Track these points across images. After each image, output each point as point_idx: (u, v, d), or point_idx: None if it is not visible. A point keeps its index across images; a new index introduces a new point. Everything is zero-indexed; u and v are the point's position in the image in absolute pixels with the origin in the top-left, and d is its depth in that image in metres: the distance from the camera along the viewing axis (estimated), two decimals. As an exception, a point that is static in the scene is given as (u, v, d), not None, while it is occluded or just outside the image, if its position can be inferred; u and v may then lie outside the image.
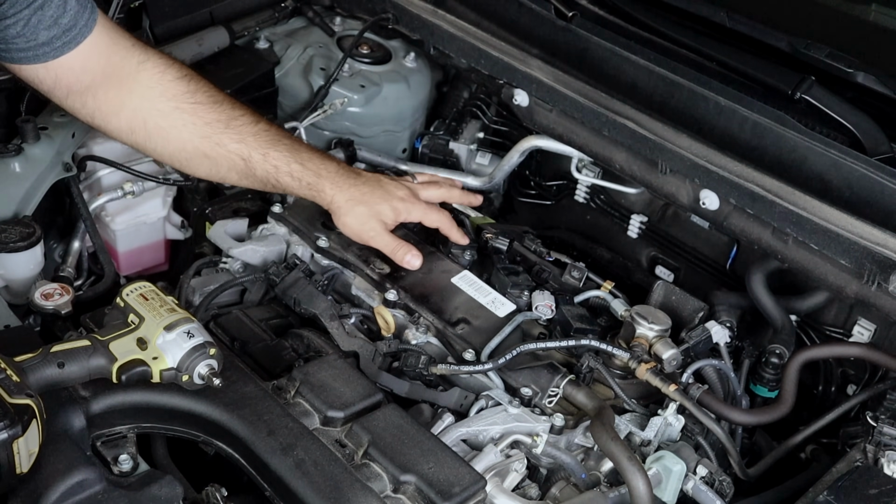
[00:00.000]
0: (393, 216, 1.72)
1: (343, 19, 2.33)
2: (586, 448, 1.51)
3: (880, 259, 1.52)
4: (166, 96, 1.64)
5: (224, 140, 1.66)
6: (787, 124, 1.69)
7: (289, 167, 1.68)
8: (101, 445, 1.34)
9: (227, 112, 1.67)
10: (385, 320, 1.68)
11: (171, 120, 1.65)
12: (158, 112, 1.64)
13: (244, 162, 1.67)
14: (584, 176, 2.02)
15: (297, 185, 1.69)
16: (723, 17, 1.94)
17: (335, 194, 1.69)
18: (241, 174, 1.70)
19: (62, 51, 1.55)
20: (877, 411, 1.49)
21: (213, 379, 1.35)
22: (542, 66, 1.92)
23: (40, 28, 1.51)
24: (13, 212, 1.75)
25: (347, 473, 1.31)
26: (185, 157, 1.69)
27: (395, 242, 1.70)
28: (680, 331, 1.65)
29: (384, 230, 1.71)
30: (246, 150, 1.66)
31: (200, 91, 1.66)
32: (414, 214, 1.75)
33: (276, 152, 1.68)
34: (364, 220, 1.70)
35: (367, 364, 1.61)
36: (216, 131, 1.65)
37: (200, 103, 1.66)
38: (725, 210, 1.70)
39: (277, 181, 1.69)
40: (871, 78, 1.78)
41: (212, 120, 1.66)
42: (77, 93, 1.62)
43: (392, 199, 1.72)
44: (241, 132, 1.66)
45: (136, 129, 1.66)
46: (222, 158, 1.67)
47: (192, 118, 1.65)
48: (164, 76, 1.65)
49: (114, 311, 1.40)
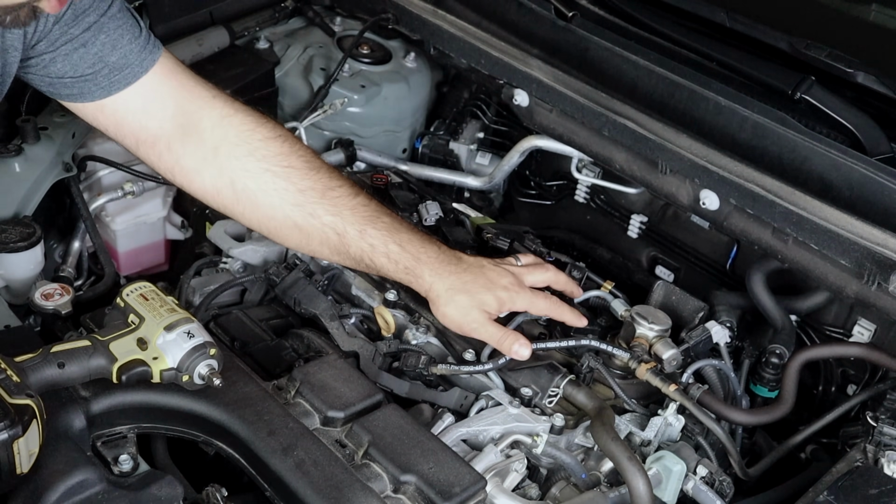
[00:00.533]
0: (497, 306, 1.54)
1: (343, 19, 2.33)
2: (586, 448, 1.51)
3: (880, 259, 1.52)
4: (256, 156, 1.53)
5: (318, 211, 1.53)
6: (788, 124, 1.69)
7: (386, 248, 1.54)
8: (102, 445, 1.34)
9: (324, 181, 1.54)
10: (385, 320, 1.68)
11: (261, 183, 1.53)
12: (246, 173, 1.53)
13: (338, 237, 1.54)
14: (584, 176, 2.02)
15: (394, 268, 1.55)
16: (723, 17, 1.94)
17: (434, 282, 1.54)
18: (333, 249, 1.56)
19: (109, 90, 1.48)
20: (877, 411, 1.49)
21: (213, 379, 1.35)
22: (542, 66, 1.92)
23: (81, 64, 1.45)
24: (13, 212, 1.76)
25: (347, 473, 1.31)
26: (275, 226, 1.57)
27: (501, 333, 1.52)
28: (680, 331, 1.65)
29: (487, 320, 1.53)
30: (341, 225, 1.53)
31: (295, 154, 1.55)
32: (519, 304, 1.56)
33: (373, 230, 1.54)
34: (466, 311, 1.53)
35: (367, 364, 1.61)
36: (310, 200, 1.53)
37: (294, 168, 1.54)
38: (725, 210, 1.70)
39: (372, 261, 1.55)
40: (871, 78, 1.78)
41: (306, 188, 1.53)
42: (147, 143, 1.55)
43: (496, 289, 1.54)
44: (337, 204, 1.54)
45: (223, 189, 1.55)
46: (315, 231, 1.54)
47: (285, 183, 1.53)
48: (254, 134, 1.54)
49: (114, 312, 1.40)
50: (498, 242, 1.83)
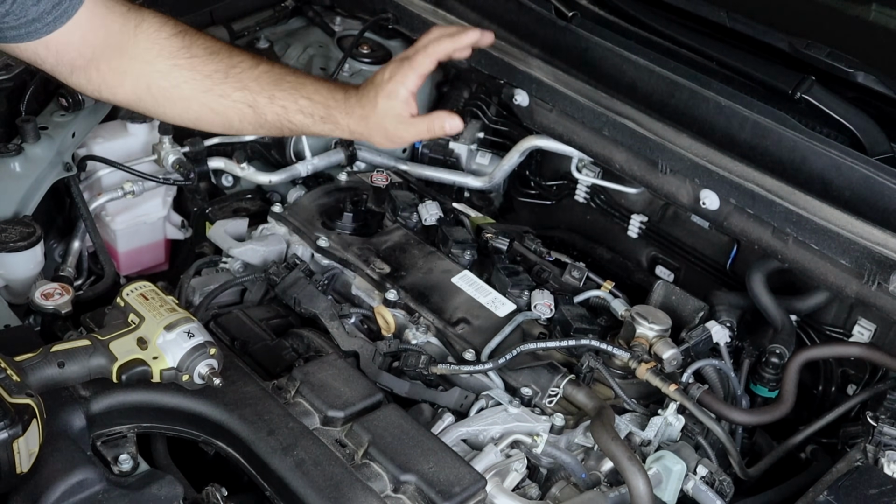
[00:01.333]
0: (400, 105, 1.56)
1: (343, 19, 2.34)
2: (586, 448, 1.51)
3: (880, 259, 1.52)
4: (164, 55, 1.58)
5: (227, 90, 1.58)
6: (788, 124, 1.69)
7: (297, 104, 1.59)
8: (101, 445, 1.34)
9: (225, 61, 1.59)
10: (385, 320, 1.68)
11: (172, 79, 1.58)
12: (159, 73, 1.58)
13: (252, 109, 1.59)
14: (584, 176, 2.02)
15: (312, 122, 1.60)
16: (723, 17, 1.94)
17: (349, 122, 1.59)
18: (253, 123, 1.62)
19: (55, 25, 1.50)
20: (877, 411, 1.49)
21: (213, 379, 1.35)
22: (542, 66, 1.92)
23: (29, 4, 1.46)
24: (13, 212, 1.75)
25: (347, 473, 1.31)
26: (194, 116, 1.62)
27: (427, 122, 1.57)
28: (680, 331, 1.65)
29: (410, 122, 1.57)
30: (250, 97, 1.58)
31: (196, 44, 1.59)
32: (409, 81, 1.56)
33: (281, 92, 1.59)
34: (384, 130, 1.58)
35: (367, 364, 1.61)
36: (216, 83, 1.58)
37: (197, 56, 1.58)
38: (725, 210, 1.70)
39: (291, 122, 1.60)
40: (871, 78, 1.78)
41: (210, 72, 1.58)
42: (81, 68, 1.58)
43: (383, 87, 1.56)
44: (241, 79, 1.58)
45: (142, 95, 1.61)
46: (230, 110, 1.60)
47: (191, 73, 1.58)
48: (159, 35, 1.58)
49: (114, 311, 1.40)
50: (498, 242, 1.83)
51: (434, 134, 1.58)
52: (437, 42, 1.60)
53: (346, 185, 1.98)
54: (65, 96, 1.88)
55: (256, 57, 1.63)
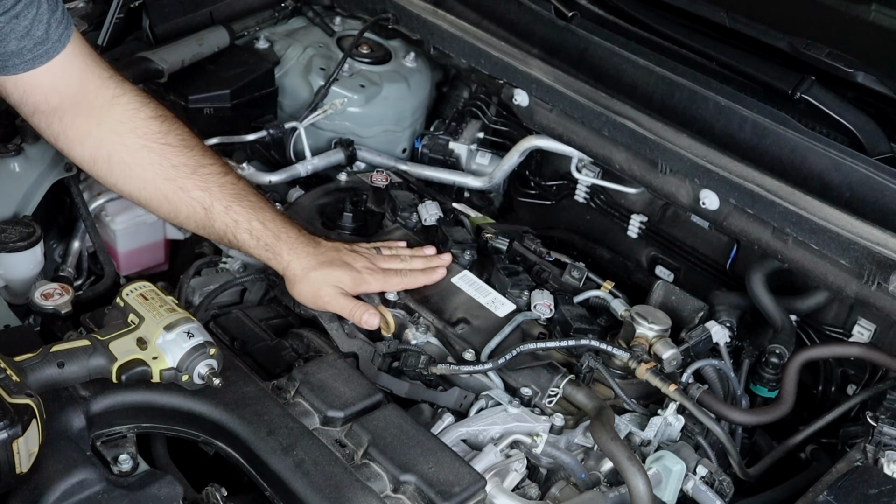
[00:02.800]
0: (352, 284, 1.63)
1: (343, 19, 2.33)
2: (586, 448, 1.51)
3: (880, 259, 1.52)
4: (136, 133, 1.60)
5: (188, 185, 1.61)
6: (788, 124, 1.69)
7: (249, 224, 1.62)
8: (101, 445, 1.34)
9: (197, 158, 1.62)
10: (385, 320, 1.68)
11: (137, 157, 1.61)
12: (125, 147, 1.60)
13: (205, 211, 1.62)
14: (584, 176, 2.02)
15: (255, 244, 1.62)
16: (723, 17, 1.94)
17: (291, 261, 1.62)
18: (199, 224, 1.64)
19: (31, 64, 1.52)
20: (877, 411, 1.49)
21: (213, 379, 1.35)
22: (542, 66, 1.92)
23: (11, 37, 1.48)
24: (13, 212, 1.76)
25: (347, 473, 1.31)
26: (146, 197, 1.64)
27: (352, 304, 1.61)
28: (680, 331, 1.65)
29: (339, 293, 1.61)
30: (209, 200, 1.61)
31: (173, 133, 1.62)
32: (374, 285, 1.65)
33: (239, 206, 1.62)
34: (319, 286, 1.61)
35: (366, 364, 1.61)
36: (181, 175, 1.61)
37: (170, 145, 1.61)
38: (725, 210, 1.70)
39: (235, 237, 1.63)
40: (871, 78, 1.78)
41: (179, 164, 1.61)
42: (43, 112, 1.59)
43: (351, 270, 1.64)
44: (207, 181, 1.62)
45: (99, 160, 1.62)
46: (183, 204, 1.62)
47: (159, 158, 1.61)
48: (137, 113, 1.61)
49: (114, 311, 1.40)
50: (498, 242, 1.83)
51: (350, 318, 1.62)
52: (413, 276, 1.69)
53: (345, 185, 1.98)
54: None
55: (227, 166, 1.67)
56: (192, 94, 2.07)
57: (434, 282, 1.71)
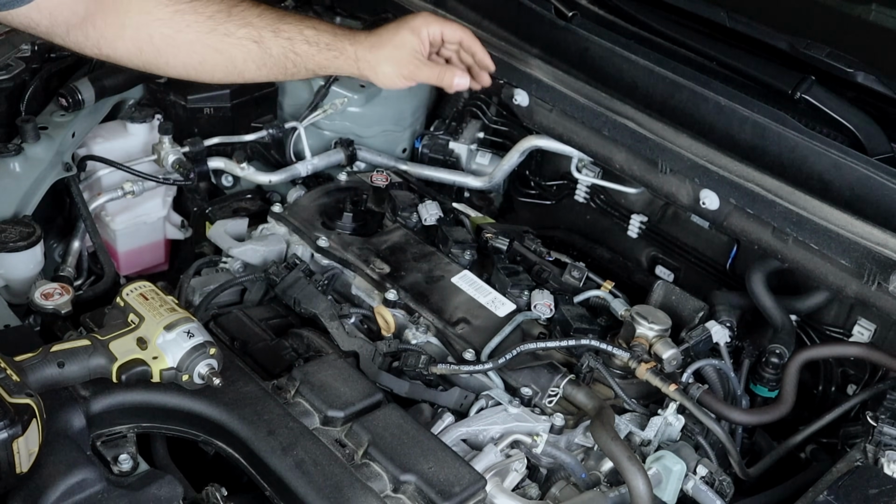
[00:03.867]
0: (417, 38, 1.66)
1: (343, 19, 2.33)
2: (586, 448, 1.51)
3: (880, 259, 1.52)
4: (163, 3, 1.60)
5: (231, 28, 1.62)
6: (788, 124, 1.69)
7: (302, 34, 1.63)
8: (101, 445, 1.34)
9: (227, 2, 1.63)
10: (385, 320, 1.68)
11: (175, 24, 1.60)
12: (160, 21, 1.60)
13: (257, 45, 1.63)
14: (584, 176, 2.02)
15: (317, 51, 1.64)
16: (723, 17, 1.94)
17: (357, 49, 1.64)
18: (257, 61, 1.65)
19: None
20: (877, 411, 1.49)
21: (213, 378, 1.35)
22: (542, 66, 1.92)
23: None
24: (13, 212, 1.76)
25: (347, 473, 1.30)
26: (199, 60, 1.64)
27: (439, 69, 1.67)
28: (680, 331, 1.65)
29: (422, 63, 1.66)
30: (255, 32, 1.62)
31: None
32: (434, 27, 1.68)
33: (285, 25, 1.64)
34: (397, 62, 1.65)
35: (367, 364, 1.61)
36: (220, 22, 1.61)
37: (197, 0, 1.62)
38: (725, 210, 1.70)
39: (296, 54, 1.64)
40: (871, 78, 1.78)
41: (213, 13, 1.61)
42: (76, 26, 1.58)
43: (406, 22, 1.67)
44: (244, 17, 1.62)
45: (144, 46, 1.62)
46: (234, 48, 1.63)
47: (194, 16, 1.60)
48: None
49: (114, 311, 1.40)
50: (498, 242, 1.83)
51: (441, 83, 1.68)
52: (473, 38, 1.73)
53: (345, 185, 1.99)
54: (65, 96, 1.89)
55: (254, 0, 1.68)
56: (192, 94, 2.07)
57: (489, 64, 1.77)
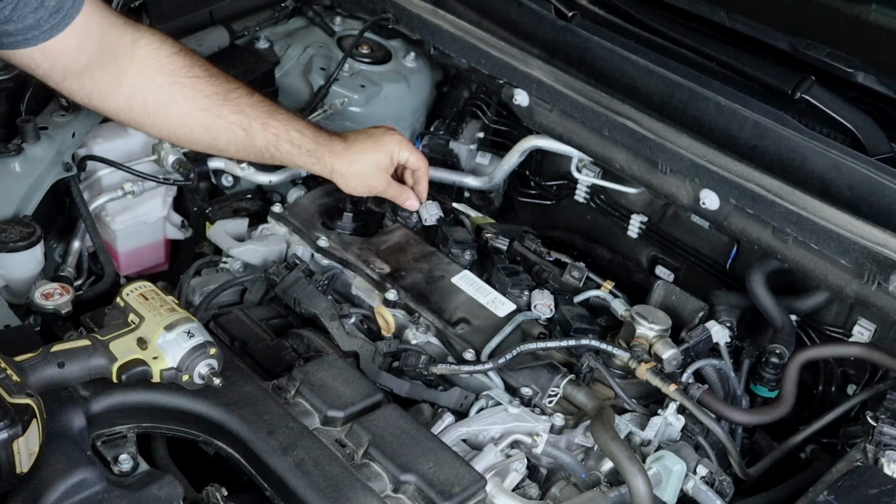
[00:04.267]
0: (388, 160, 1.78)
1: (343, 19, 2.33)
2: (586, 448, 1.51)
3: (880, 259, 1.52)
4: (164, 72, 1.64)
5: (224, 111, 1.67)
6: (788, 124, 1.69)
7: (288, 135, 1.71)
8: (101, 445, 1.34)
9: (224, 85, 1.68)
10: (385, 320, 1.68)
11: (171, 94, 1.65)
12: (157, 87, 1.64)
13: (244, 132, 1.68)
14: (584, 176, 2.02)
15: (297, 153, 1.72)
16: (723, 17, 1.94)
17: (334, 161, 1.74)
18: (240, 146, 1.71)
19: (51, 33, 1.52)
20: (877, 411, 1.49)
21: (213, 379, 1.35)
22: (542, 66, 1.92)
23: (27, 11, 1.48)
24: (13, 212, 1.75)
25: (347, 473, 1.30)
26: (185, 132, 1.69)
27: (400, 190, 1.80)
28: (680, 331, 1.65)
29: (387, 181, 1.79)
30: (246, 121, 1.68)
31: (196, 65, 1.67)
32: (404, 153, 1.80)
33: (274, 121, 1.70)
34: (365, 176, 1.76)
35: (367, 364, 1.61)
36: (215, 103, 1.66)
37: (198, 77, 1.66)
38: (725, 210, 1.70)
39: (277, 149, 1.71)
40: (871, 78, 1.78)
41: (210, 93, 1.66)
42: (74, 74, 1.61)
43: (383, 144, 1.78)
44: (239, 104, 1.68)
45: (135, 106, 1.66)
46: (222, 130, 1.68)
47: (192, 91, 1.66)
48: (160, 52, 1.64)
49: (114, 311, 1.40)
50: (498, 242, 1.83)
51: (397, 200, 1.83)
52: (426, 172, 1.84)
53: (346, 185, 1.98)
54: (65, 96, 1.88)
55: (249, 87, 1.73)
56: (192, 95, 2.07)
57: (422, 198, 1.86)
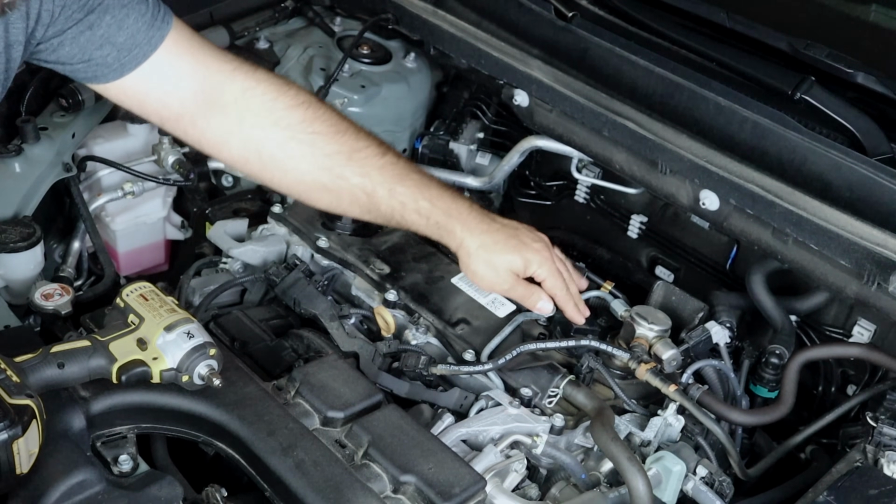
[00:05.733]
0: (523, 267, 1.59)
1: (343, 19, 2.33)
2: (586, 448, 1.51)
3: (880, 259, 1.52)
4: (280, 126, 1.55)
5: (346, 173, 1.56)
6: (788, 125, 1.69)
7: (416, 204, 1.57)
8: (101, 446, 1.34)
9: (350, 143, 1.57)
10: (385, 320, 1.68)
11: (288, 151, 1.56)
12: (273, 142, 1.56)
13: (367, 196, 1.57)
14: (584, 176, 2.02)
15: (425, 224, 1.59)
16: (723, 18, 1.94)
17: (465, 237, 1.57)
18: (363, 208, 1.60)
19: (121, 72, 1.48)
20: (877, 411, 1.49)
21: (213, 379, 1.35)
22: (542, 67, 1.92)
23: (89, 47, 1.45)
24: (13, 212, 1.75)
25: (347, 474, 1.31)
26: (304, 189, 1.60)
27: (527, 290, 1.60)
28: (680, 331, 1.65)
29: (516, 282, 1.59)
30: (370, 185, 1.56)
31: (319, 120, 1.57)
32: (542, 271, 1.60)
33: (402, 188, 1.57)
34: (494, 271, 1.58)
35: (367, 364, 1.61)
36: (337, 164, 1.56)
37: (319, 133, 1.56)
38: (725, 210, 1.70)
39: (403, 218, 1.59)
40: (871, 78, 1.78)
41: (332, 152, 1.56)
42: (170, 120, 1.56)
43: (525, 251, 1.59)
44: (364, 165, 1.56)
45: (251, 159, 1.58)
46: (344, 192, 1.58)
47: (311, 149, 1.56)
48: (276, 104, 1.56)
49: (114, 312, 1.40)
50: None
51: (523, 302, 1.62)
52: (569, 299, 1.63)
53: (346, 186, 1.98)
54: (65, 97, 1.88)
55: (383, 145, 1.61)
56: (192, 95, 2.07)
57: (578, 321, 1.65)
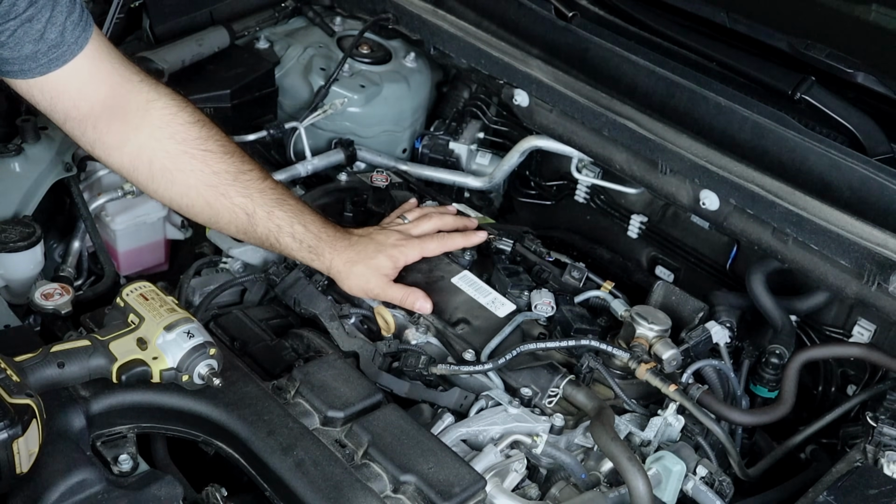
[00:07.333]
0: (391, 264, 1.67)
1: (343, 19, 2.34)
2: (586, 448, 1.51)
3: (880, 259, 1.52)
4: (175, 139, 1.60)
5: (230, 192, 1.62)
6: (788, 124, 1.69)
7: (292, 228, 1.64)
8: (101, 445, 1.34)
9: (237, 165, 1.63)
10: (385, 320, 1.68)
11: (179, 163, 1.60)
12: (165, 153, 1.60)
13: (247, 217, 1.63)
14: (584, 176, 2.02)
15: (298, 247, 1.65)
16: (723, 18, 1.94)
17: (333, 258, 1.66)
18: (240, 229, 1.66)
19: (47, 68, 1.51)
20: (877, 411, 1.49)
21: (213, 379, 1.35)
22: (542, 67, 1.92)
23: (26, 40, 1.47)
24: (13, 212, 1.76)
25: (347, 473, 1.31)
26: (188, 203, 1.64)
27: (402, 292, 1.66)
28: (680, 331, 1.65)
29: (388, 283, 1.66)
30: (251, 206, 1.62)
31: (212, 139, 1.63)
32: (411, 255, 1.70)
33: (280, 212, 1.64)
34: (366, 279, 1.66)
35: (367, 364, 1.61)
36: (223, 182, 1.61)
37: (211, 151, 1.62)
38: (725, 210, 1.70)
39: (278, 241, 1.65)
40: (871, 78, 1.78)
41: (220, 170, 1.61)
42: (75, 120, 1.58)
43: (386, 249, 1.68)
44: (248, 187, 1.62)
45: (140, 167, 1.62)
46: (225, 210, 1.63)
47: (201, 165, 1.61)
48: (175, 118, 1.61)
49: (114, 311, 1.40)
50: (501, 243, 1.83)
51: (404, 305, 1.67)
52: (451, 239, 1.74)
53: (346, 186, 1.99)
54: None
55: (264, 171, 1.68)
56: (192, 95, 2.06)
57: (473, 244, 1.74)
